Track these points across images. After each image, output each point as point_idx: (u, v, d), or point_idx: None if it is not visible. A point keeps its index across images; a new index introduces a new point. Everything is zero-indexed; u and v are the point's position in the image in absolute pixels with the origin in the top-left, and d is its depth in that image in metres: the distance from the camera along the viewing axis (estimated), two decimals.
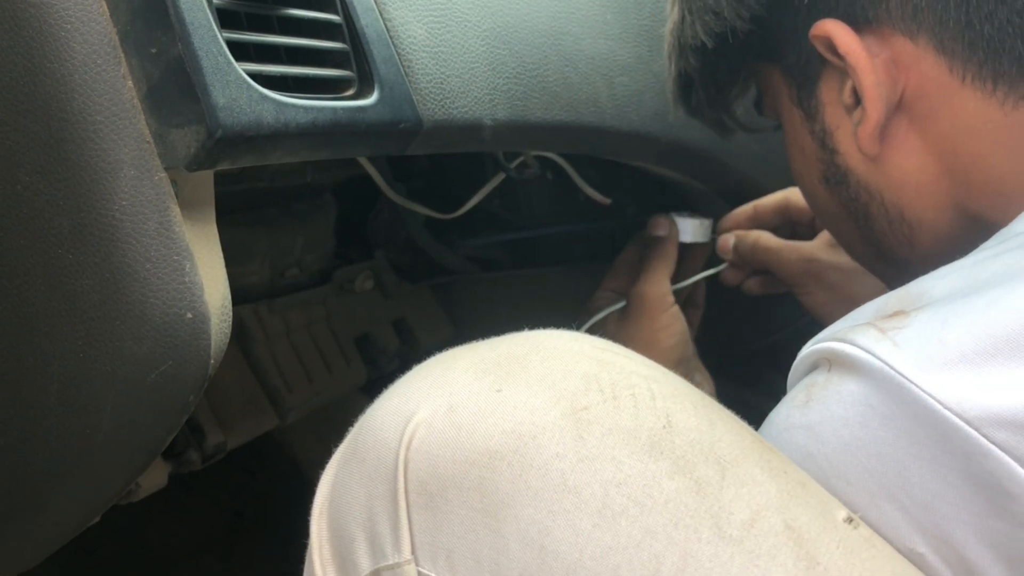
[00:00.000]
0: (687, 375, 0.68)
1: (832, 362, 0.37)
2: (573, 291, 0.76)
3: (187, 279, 0.40)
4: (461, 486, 0.33)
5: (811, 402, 0.37)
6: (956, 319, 0.34)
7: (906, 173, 0.45)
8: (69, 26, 0.37)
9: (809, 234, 0.70)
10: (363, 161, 0.64)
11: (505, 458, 0.33)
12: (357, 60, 0.45)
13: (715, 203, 0.73)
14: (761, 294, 0.72)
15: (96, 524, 0.48)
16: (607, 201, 0.72)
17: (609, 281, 0.73)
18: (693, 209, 0.72)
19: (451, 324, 0.85)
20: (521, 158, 0.67)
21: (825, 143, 0.49)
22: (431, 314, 0.84)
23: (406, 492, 0.34)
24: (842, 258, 0.66)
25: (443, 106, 0.49)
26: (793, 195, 0.70)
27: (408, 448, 0.34)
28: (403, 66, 0.47)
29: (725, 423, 0.35)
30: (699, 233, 0.70)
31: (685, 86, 0.55)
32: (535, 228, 0.82)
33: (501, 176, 0.68)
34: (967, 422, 0.32)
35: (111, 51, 0.38)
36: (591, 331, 0.71)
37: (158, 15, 0.38)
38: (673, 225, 0.69)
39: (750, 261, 0.70)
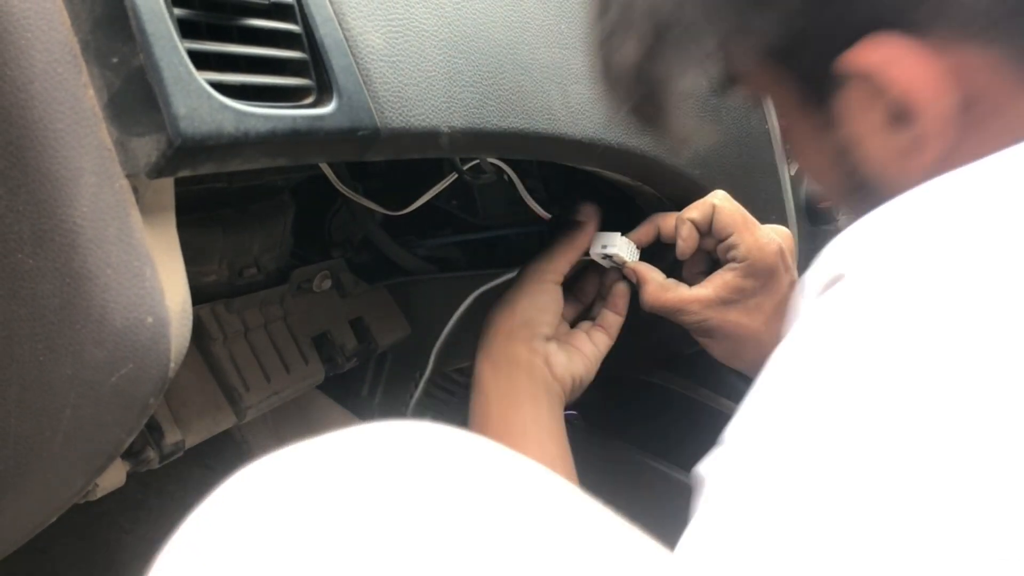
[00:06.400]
0: (529, 340, 0.68)
1: None
2: None
3: (147, 284, 0.41)
4: None
5: None
6: None
7: (937, 173, 0.39)
8: (30, 34, 0.38)
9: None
10: None
11: None
12: (316, 69, 0.46)
13: (666, 209, 0.75)
14: None
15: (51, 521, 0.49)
16: (548, 216, 0.74)
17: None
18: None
19: (408, 323, 0.86)
20: (476, 161, 0.69)
21: (848, 151, 0.42)
22: (388, 313, 0.84)
23: None
24: (732, 312, 0.67)
25: (401, 114, 0.50)
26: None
27: None
28: (361, 75, 0.48)
29: None
30: (623, 247, 0.70)
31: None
32: (491, 229, 0.84)
33: (453, 176, 0.70)
34: None
35: (72, 60, 0.39)
36: None
37: (119, 25, 0.38)
38: (594, 216, 0.71)
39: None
